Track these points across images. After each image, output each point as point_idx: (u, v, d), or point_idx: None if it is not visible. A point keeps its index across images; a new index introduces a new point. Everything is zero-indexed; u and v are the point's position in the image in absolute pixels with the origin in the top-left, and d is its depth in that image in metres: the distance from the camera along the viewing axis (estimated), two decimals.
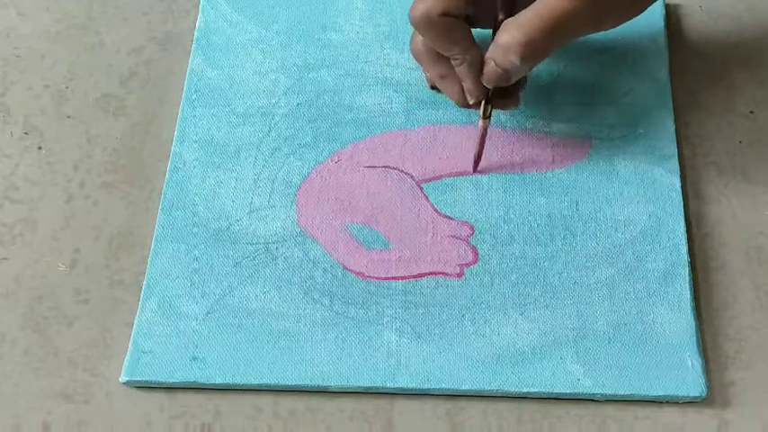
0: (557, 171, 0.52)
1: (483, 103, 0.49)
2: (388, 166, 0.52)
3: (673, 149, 0.53)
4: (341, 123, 0.54)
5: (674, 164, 0.52)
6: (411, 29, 0.48)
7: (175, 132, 0.54)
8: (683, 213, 0.50)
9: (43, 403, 0.46)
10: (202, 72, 0.56)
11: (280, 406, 0.46)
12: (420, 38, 0.49)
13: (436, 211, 0.51)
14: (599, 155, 0.53)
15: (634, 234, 0.50)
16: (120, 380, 0.46)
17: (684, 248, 0.49)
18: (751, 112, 0.55)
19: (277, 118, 0.54)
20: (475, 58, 0.48)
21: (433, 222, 0.51)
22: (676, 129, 0.53)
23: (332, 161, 0.53)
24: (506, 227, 0.50)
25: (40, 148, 0.54)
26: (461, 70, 0.48)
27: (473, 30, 0.48)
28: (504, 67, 0.46)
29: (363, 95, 0.55)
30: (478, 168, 0.52)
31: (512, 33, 0.45)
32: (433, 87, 0.55)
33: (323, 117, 0.54)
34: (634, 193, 0.51)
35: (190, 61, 0.56)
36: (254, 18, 0.58)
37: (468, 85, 0.49)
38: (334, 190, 0.52)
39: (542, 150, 0.53)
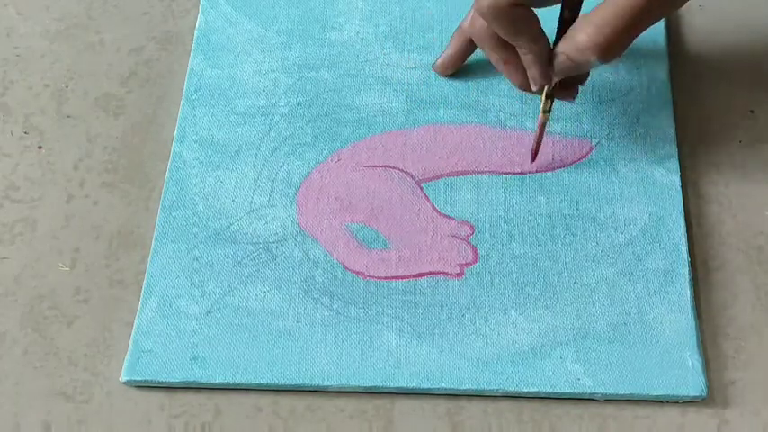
0: (557, 171, 0.52)
1: (544, 96, 0.49)
2: (388, 166, 0.52)
3: (673, 149, 0.53)
4: (341, 123, 0.54)
5: (674, 163, 0.52)
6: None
7: (175, 132, 0.54)
8: (683, 213, 0.50)
9: (43, 402, 0.47)
10: (202, 72, 0.56)
11: (280, 405, 0.46)
12: (481, 21, 0.48)
13: (436, 210, 0.51)
14: (599, 154, 0.53)
15: (634, 234, 0.50)
16: (120, 379, 0.46)
17: (684, 248, 0.49)
18: (751, 112, 0.55)
19: (277, 117, 0.54)
20: (543, 49, 0.47)
21: (433, 222, 0.51)
22: (676, 128, 0.53)
23: (332, 161, 0.53)
24: (506, 226, 0.50)
25: (40, 147, 0.54)
26: (528, 59, 0.48)
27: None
28: (579, 63, 0.46)
29: (363, 95, 0.55)
30: (534, 164, 0.52)
31: (589, 33, 0.44)
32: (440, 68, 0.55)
33: (323, 117, 0.54)
34: (634, 193, 0.51)
35: (190, 61, 0.56)
36: (255, 18, 0.58)
37: (533, 73, 0.48)
38: (334, 189, 0.52)
39: (542, 150, 0.53)
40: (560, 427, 0.46)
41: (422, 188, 0.52)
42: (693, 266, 0.49)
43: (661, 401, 0.46)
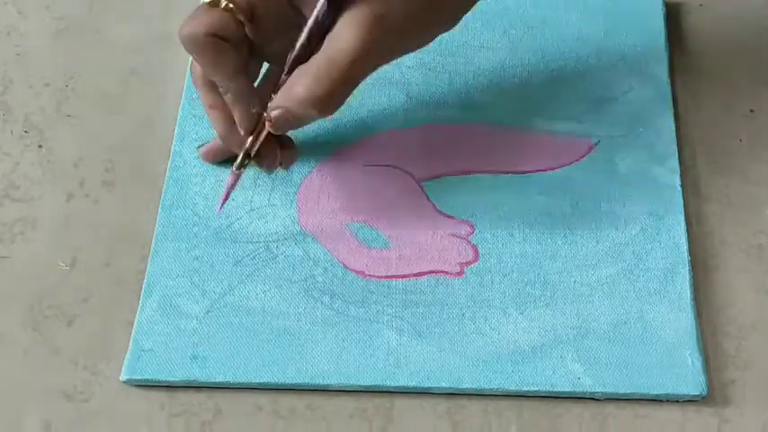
0: (557, 170, 0.52)
1: (242, 152, 0.47)
2: (389, 165, 0.52)
3: (673, 148, 0.53)
4: (341, 122, 0.54)
5: (674, 162, 0.52)
6: None
7: (176, 131, 0.54)
8: (683, 212, 0.50)
9: (43, 402, 0.46)
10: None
11: (280, 404, 0.46)
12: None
13: (436, 209, 0.51)
14: (599, 154, 0.53)
15: (634, 233, 0.50)
16: (120, 378, 0.46)
17: (684, 247, 0.49)
18: (751, 111, 0.55)
19: None
20: (243, 88, 0.45)
21: (433, 221, 0.51)
22: (676, 127, 0.53)
23: (332, 160, 0.53)
24: (506, 225, 0.50)
25: (40, 146, 0.54)
26: (228, 99, 0.45)
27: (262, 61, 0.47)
28: (299, 117, 0.44)
29: (363, 94, 0.55)
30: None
31: (307, 86, 0.42)
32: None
33: None
34: (634, 192, 0.51)
35: (190, 59, 0.56)
36: None
37: (236, 114, 0.46)
38: (334, 189, 0.52)
39: (542, 149, 0.53)
40: (560, 426, 0.46)
41: (422, 187, 0.52)
42: (693, 266, 0.49)
43: (661, 400, 0.46)
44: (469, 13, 0.46)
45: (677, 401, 0.46)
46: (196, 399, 0.47)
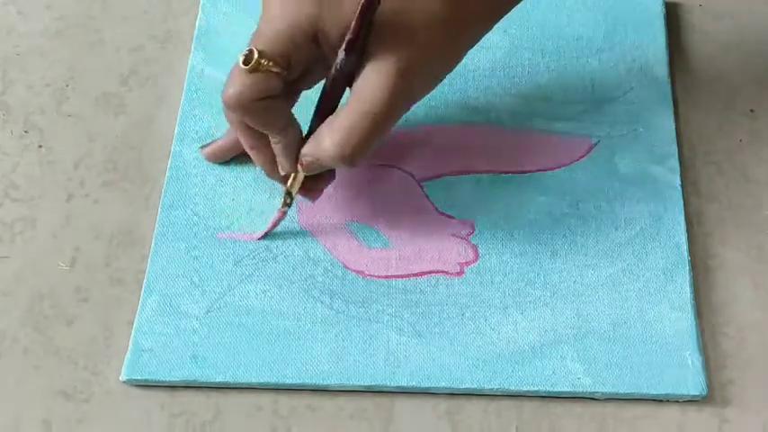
0: (557, 170, 0.52)
1: (285, 192, 0.48)
2: (389, 165, 0.52)
3: (673, 148, 0.53)
4: None
5: (675, 162, 0.52)
6: None
7: (176, 131, 0.54)
8: (683, 212, 0.51)
9: (44, 401, 0.47)
10: (202, 70, 0.56)
11: (280, 404, 0.46)
12: None
13: (437, 209, 0.51)
14: (599, 153, 0.53)
15: (634, 232, 0.50)
16: (120, 378, 0.46)
17: (685, 247, 0.49)
18: (751, 111, 0.55)
19: None
20: (292, 140, 0.46)
21: (433, 221, 0.51)
22: (676, 127, 0.53)
23: None
24: (506, 225, 0.50)
25: (40, 146, 0.54)
26: (277, 148, 0.46)
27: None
28: (326, 166, 0.45)
29: None
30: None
31: (335, 141, 0.43)
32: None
33: None
34: (634, 192, 0.51)
35: (190, 59, 0.56)
36: (255, 16, 0.58)
37: (281, 161, 0.47)
38: (334, 188, 0.52)
39: (542, 149, 0.53)
40: (560, 426, 0.46)
41: (422, 187, 0.52)
42: (693, 265, 0.49)
43: (661, 400, 0.46)
44: None
45: (677, 401, 0.46)
46: (196, 399, 0.47)
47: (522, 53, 0.56)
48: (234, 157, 0.52)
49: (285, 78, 0.44)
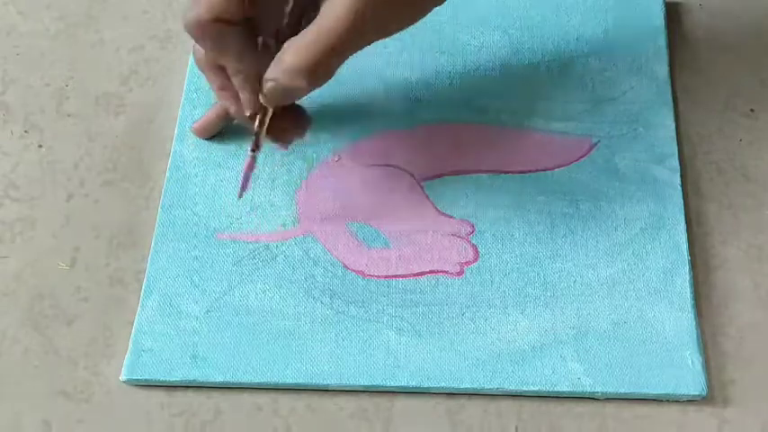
0: (557, 170, 0.52)
1: (255, 134, 0.47)
2: (389, 165, 0.52)
3: (673, 147, 0.53)
4: (341, 122, 0.54)
5: (675, 162, 0.52)
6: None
7: (176, 131, 0.54)
8: (683, 211, 0.50)
9: (43, 402, 0.47)
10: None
11: (280, 404, 0.46)
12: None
13: (436, 209, 0.51)
14: (599, 153, 0.53)
15: (634, 232, 0.50)
16: (120, 378, 0.46)
17: (685, 246, 0.49)
18: (751, 111, 0.55)
19: None
20: (251, 70, 0.45)
21: (433, 221, 0.51)
22: (676, 127, 0.53)
23: (332, 160, 0.53)
24: (506, 225, 0.50)
25: (40, 146, 0.54)
26: (236, 81, 0.46)
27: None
28: (288, 88, 0.44)
29: (363, 94, 0.55)
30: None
31: (297, 55, 0.42)
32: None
33: (323, 115, 0.54)
34: (634, 191, 0.51)
35: (190, 59, 0.56)
36: None
37: (244, 96, 0.46)
38: (334, 188, 0.52)
39: (542, 148, 0.53)
40: (560, 426, 0.46)
41: (422, 187, 0.52)
42: (694, 265, 0.49)
43: (661, 400, 0.46)
44: (470, 12, 0.46)
45: (677, 401, 0.46)
46: (196, 399, 0.47)
47: (522, 53, 0.56)
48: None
49: (245, 7, 0.43)
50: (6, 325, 0.49)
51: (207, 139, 0.53)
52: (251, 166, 0.48)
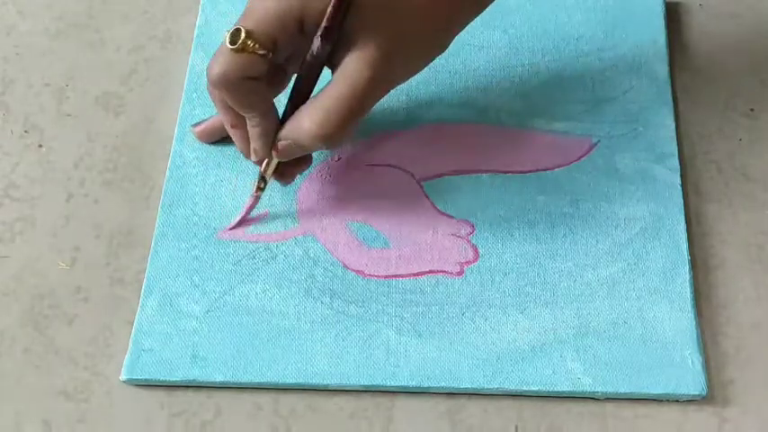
0: (557, 170, 0.52)
1: (258, 176, 0.48)
2: (389, 165, 0.52)
3: (673, 147, 0.53)
4: None
5: (675, 162, 0.52)
6: None
7: (176, 130, 0.54)
8: (683, 211, 0.50)
9: (43, 401, 0.47)
10: (203, 70, 0.56)
11: (280, 404, 0.46)
12: None
13: (436, 209, 0.51)
14: (599, 153, 0.53)
15: (634, 232, 0.50)
16: (120, 378, 0.46)
17: (685, 246, 0.49)
18: (751, 110, 0.55)
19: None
20: (270, 126, 0.46)
21: (433, 221, 0.51)
22: (676, 126, 0.53)
23: (332, 159, 0.53)
24: (506, 225, 0.50)
25: (40, 146, 0.54)
26: (254, 132, 0.46)
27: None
28: (305, 149, 0.45)
29: None
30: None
31: (315, 121, 0.43)
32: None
33: None
34: (634, 191, 0.51)
35: (190, 59, 0.56)
36: None
37: (255, 146, 0.47)
38: (334, 188, 0.52)
39: (542, 148, 0.53)
40: (560, 425, 0.46)
41: (422, 187, 0.52)
42: (694, 265, 0.49)
43: (661, 400, 0.46)
44: None
45: (677, 401, 0.46)
46: (196, 399, 0.47)
47: (522, 53, 0.56)
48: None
49: (271, 61, 0.43)
50: (6, 325, 0.49)
51: None
52: (253, 207, 0.50)
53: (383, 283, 0.49)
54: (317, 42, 0.43)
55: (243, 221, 0.50)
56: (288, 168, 0.49)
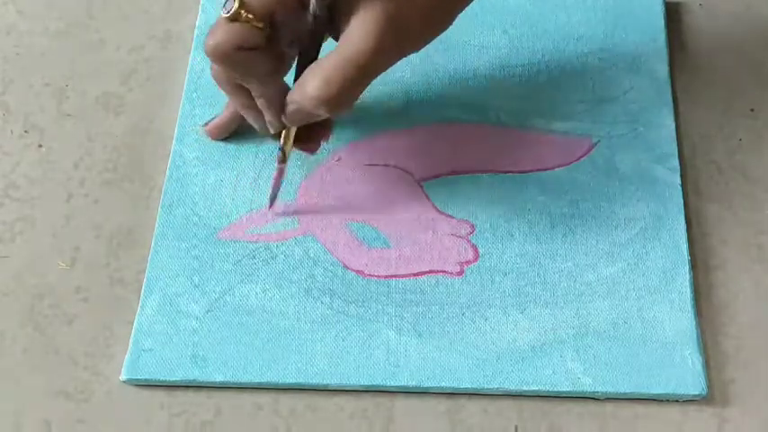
0: (557, 170, 0.52)
1: (281, 148, 0.48)
2: (389, 165, 0.52)
3: (673, 147, 0.53)
4: (341, 122, 0.54)
5: (675, 162, 0.52)
6: None
7: (176, 130, 0.54)
8: (683, 211, 0.51)
9: (44, 401, 0.47)
10: (203, 70, 0.56)
11: (280, 404, 0.46)
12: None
13: (436, 209, 0.51)
14: (599, 153, 0.53)
15: (634, 232, 0.50)
16: (120, 378, 0.46)
17: (685, 246, 0.49)
18: (751, 110, 0.55)
19: None
20: (273, 93, 0.46)
21: (433, 220, 0.51)
22: (677, 127, 0.53)
23: (332, 160, 0.53)
24: (506, 225, 0.50)
25: (40, 146, 0.54)
26: (260, 103, 0.46)
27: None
28: (310, 113, 0.44)
29: (363, 94, 0.55)
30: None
31: (317, 86, 0.43)
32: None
33: None
34: (634, 191, 0.51)
35: (190, 59, 0.56)
36: None
37: (267, 117, 0.47)
38: (334, 188, 0.52)
39: (542, 148, 0.53)
40: (560, 425, 0.46)
41: (422, 187, 0.52)
42: (694, 265, 0.49)
43: (661, 400, 0.46)
44: (470, 12, 0.46)
45: (677, 401, 0.46)
46: (196, 398, 0.47)
47: (522, 53, 0.56)
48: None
49: (269, 35, 0.43)
50: (7, 324, 0.49)
51: (210, 139, 0.53)
52: (280, 177, 0.49)
53: (383, 283, 0.49)
54: (314, 5, 0.43)
55: (275, 195, 0.50)
56: (309, 135, 0.48)
